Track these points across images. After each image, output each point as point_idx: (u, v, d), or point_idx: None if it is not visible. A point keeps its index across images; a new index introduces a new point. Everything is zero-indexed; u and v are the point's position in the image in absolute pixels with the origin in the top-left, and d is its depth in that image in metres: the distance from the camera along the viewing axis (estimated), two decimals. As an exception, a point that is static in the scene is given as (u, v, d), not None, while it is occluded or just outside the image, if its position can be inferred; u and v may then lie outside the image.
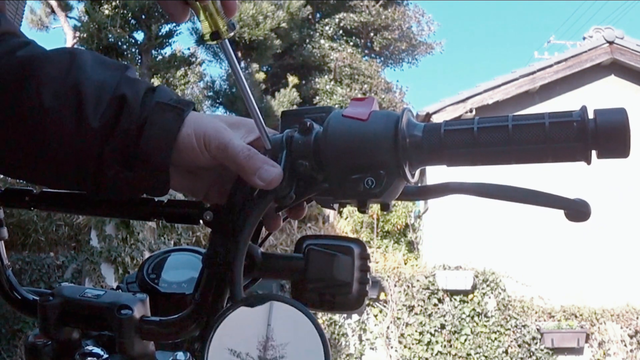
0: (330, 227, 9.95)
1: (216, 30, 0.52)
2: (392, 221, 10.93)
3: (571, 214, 0.51)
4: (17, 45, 0.56)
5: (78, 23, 11.28)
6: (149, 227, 6.50)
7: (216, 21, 0.52)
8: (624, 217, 8.43)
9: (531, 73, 9.08)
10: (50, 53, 0.56)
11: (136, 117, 0.53)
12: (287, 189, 0.54)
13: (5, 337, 5.91)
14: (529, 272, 8.14)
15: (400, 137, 0.51)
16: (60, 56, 0.55)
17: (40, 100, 0.52)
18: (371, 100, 0.55)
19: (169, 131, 0.53)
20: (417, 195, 0.61)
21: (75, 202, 0.62)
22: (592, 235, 7.98)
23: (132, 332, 0.56)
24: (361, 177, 0.52)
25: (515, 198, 0.53)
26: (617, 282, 8.08)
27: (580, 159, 0.49)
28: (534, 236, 8.27)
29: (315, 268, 0.57)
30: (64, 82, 0.53)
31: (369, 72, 14.82)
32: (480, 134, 0.50)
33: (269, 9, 11.35)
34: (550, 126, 0.48)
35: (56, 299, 0.58)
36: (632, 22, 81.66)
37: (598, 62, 9.18)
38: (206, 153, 0.54)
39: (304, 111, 0.58)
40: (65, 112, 0.52)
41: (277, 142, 0.55)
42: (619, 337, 7.86)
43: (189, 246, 0.86)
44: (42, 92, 0.53)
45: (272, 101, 11.38)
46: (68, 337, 0.61)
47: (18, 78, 0.53)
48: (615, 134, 0.46)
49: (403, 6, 16.99)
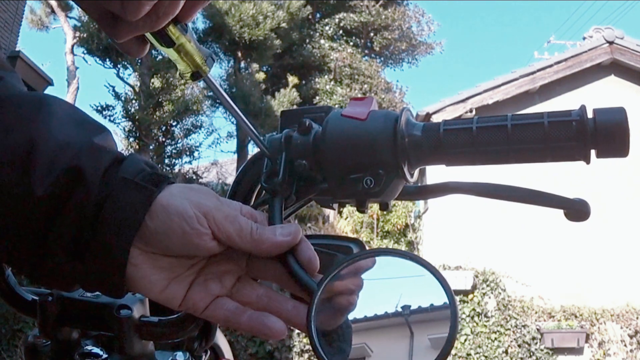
0: (330, 227, 9.95)
1: (196, 70, 0.51)
2: (392, 221, 10.93)
3: (571, 213, 0.51)
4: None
5: (78, 23, 11.28)
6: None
7: (194, 60, 0.50)
8: (624, 217, 8.43)
9: (531, 73, 9.08)
10: (18, 95, 0.47)
11: (94, 193, 0.43)
12: (288, 191, 0.54)
13: (5, 337, 5.91)
14: (529, 272, 8.14)
15: (399, 137, 0.51)
16: (27, 101, 0.46)
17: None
18: (370, 99, 0.55)
19: (132, 215, 0.43)
20: (416, 194, 0.61)
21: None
22: (592, 235, 7.98)
23: (132, 331, 0.56)
24: (360, 176, 0.52)
25: (515, 198, 0.53)
26: (617, 282, 8.08)
27: (580, 159, 0.48)
28: (534, 236, 8.27)
29: (314, 268, 0.57)
30: (19, 132, 0.43)
31: (369, 72, 14.81)
32: (479, 134, 0.50)
33: (269, 9, 11.34)
34: (549, 126, 0.48)
35: (55, 299, 0.58)
36: (632, 22, 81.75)
37: (598, 62, 9.18)
38: (205, 230, 0.44)
39: (303, 111, 0.58)
40: (10, 169, 0.42)
41: (275, 143, 0.55)
42: (619, 337, 7.86)
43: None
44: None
45: (272, 101, 11.37)
46: (67, 337, 0.61)
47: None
48: (615, 133, 0.46)
49: (403, 6, 16.98)
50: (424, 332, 0.45)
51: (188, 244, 0.44)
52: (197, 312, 0.47)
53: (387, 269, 0.46)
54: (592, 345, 7.87)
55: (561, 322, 7.81)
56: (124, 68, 10.21)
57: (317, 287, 0.45)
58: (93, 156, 0.44)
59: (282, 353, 6.99)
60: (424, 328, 0.45)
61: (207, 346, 0.69)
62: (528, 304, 8.00)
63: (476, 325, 7.78)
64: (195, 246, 0.44)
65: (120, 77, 10.30)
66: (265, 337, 0.47)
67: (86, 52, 10.58)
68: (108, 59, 10.03)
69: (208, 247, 0.45)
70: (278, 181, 0.53)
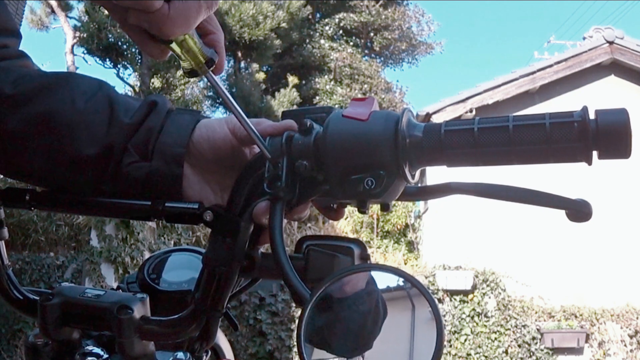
0: (331, 227, 9.94)
1: (196, 67, 0.51)
2: (392, 221, 10.94)
3: (572, 214, 0.51)
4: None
5: (78, 23, 11.27)
6: (149, 227, 6.50)
7: (195, 57, 0.50)
8: (624, 217, 8.43)
9: (531, 73, 9.07)
10: (83, 75, 0.64)
11: (161, 118, 0.60)
12: (290, 195, 0.54)
13: (5, 337, 5.91)
14: (529, 272, 8.13)
15: (400, 138, 0.51)
16: (90, 79, 0.63)
17: (74, 103, 0.59)
18: (371, 100, 0.55)
19: (185, 127, 0.60)
20: (417, 195, 0.61)
21: (75, 202, 0.62)
22: (592, 236, 7.98)
23: (132, 332, 0.56)
24: (361, 177, 0.52)
25: (516, 198, 0.53)
26: (617, 282, 8.08)
27: (581, 160, 0.48)
28: (534, 236, 8.27)
29: (315, 268, 0.57)
30: (95, 94, 0.61)
31: (369, 72, 14.81)
32: (480, 135, 0.50)
33: (269, 9, 11.34)
34: (551, 127, 0.48)
35: (56, 299, 0.58)
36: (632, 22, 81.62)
37: (598, 62, 9.17)
38: (230, 135, 0.59)
39: (304, 111, 0.58)
40: (97, 113, 0.59)
41: (276, 146, 0.55)
42: (619, 337, 7.86)
43: (189, 246, 0.86)
44: (75, 98, 0.59)
45: (272, 101, 11.37)
46: (68, 337, 0.60)
47: (52, 87, 0.60)
48: (617, 134, 0.46)
49: (403, 6, 16.97)
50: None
51: (223, 147, 0.60)
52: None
53: (378, 282, 0.51)
54: (592, 345, 7.87)
55: (561, 322, 7.81)
56: (124, 68, 10.22)
57: (309, 297, 0.46)
58: (160, 98, 0.62)
59: (282, 353, 6.99)
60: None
61: (208, 346, 0.69)
62: (528, 304, 8.00)
63: (476, 325, 7.78)
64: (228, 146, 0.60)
65: (121, 77, 10.31)
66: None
67: (86, 52, 10.59)
68: (108, 59, 10.04)
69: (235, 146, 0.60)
70: (281, 186, 0.53)
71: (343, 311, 0.53)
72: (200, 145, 0.60)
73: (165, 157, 0.59)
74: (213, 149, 0.60)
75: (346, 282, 0.48)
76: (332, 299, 0.50)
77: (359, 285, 0.51)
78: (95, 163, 0.59)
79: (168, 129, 0.60)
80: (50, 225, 6.95)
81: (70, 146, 0.59)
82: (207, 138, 0.60)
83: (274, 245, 0.52)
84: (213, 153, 0.60)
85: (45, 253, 6.71)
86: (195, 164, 0.60)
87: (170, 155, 0.59)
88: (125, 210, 0.62)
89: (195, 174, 0.61)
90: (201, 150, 0.60)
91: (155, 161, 0.59)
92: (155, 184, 0.59)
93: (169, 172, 0.59)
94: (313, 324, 0.47)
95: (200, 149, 0.60)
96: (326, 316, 0.50)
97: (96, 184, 0.60)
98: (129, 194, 0.60)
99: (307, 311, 0.46)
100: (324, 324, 0.52)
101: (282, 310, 7.07)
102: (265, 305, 7.03)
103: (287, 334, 7.00)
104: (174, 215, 0.60)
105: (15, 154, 0.60)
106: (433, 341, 0.44)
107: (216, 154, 0.60)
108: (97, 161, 0.59)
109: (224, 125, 0.60)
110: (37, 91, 0.60)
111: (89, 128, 0.59)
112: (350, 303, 0.52)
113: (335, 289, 0.48)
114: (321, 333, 0.52)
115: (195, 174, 0.61)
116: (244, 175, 0.57)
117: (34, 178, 0.63)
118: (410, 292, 0.49)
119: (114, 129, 0.59)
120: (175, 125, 0.60)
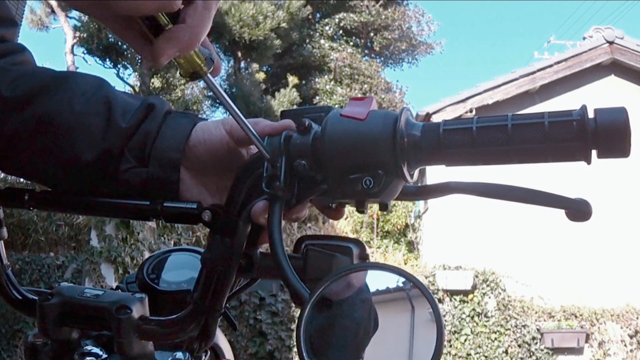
0: (330, 227, 9.94)
1: (196, 70, 0.50)
2: (392, 221, 10.94)
3: (572, 213, 0.50)
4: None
5: (78, 23, 11.26)
6: (149, 227, 6.50)
7: (193, 60, 0.50)
8: (624, 217, 8.42)
9: (531, 73, 9.07)
10: (83, 74, 0.64)
11: (158, 121, 0.60)
12: (289, 194, 0.53)
13: (5, 337, 5.92)
14: (529, 272, 8.13)
15: (398, 137, 0.50)
16: (90, 78, 0.63)
17: (71, 105, 0.59)
18: (370, 99, 0.54)
19: (182, 131, 0.60)
20: (416, 195, 0.61)
21: (75, 202, 0.62)
22: (592, 235, 7.97)
23: (131, 332, 0.56)
24: (359, 177, 0.51)
25: (516, 198, 0.53)
26: (617, 282, 8.08)
27: (580, 159, 0.48)
28: (534, 236, 8.27)
29: (313, 268, 0.57)
30: (94, 94, 0.61)
31: (369, 72, 14.81)
32: (479, 134, 0.50)
33: (269, 9, 11.34)
34: (550, 126, 0.48)
35: (55, 299, 0.58)
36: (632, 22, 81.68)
37: (598, 62, 9.17)
38: (227, 137, 0.60)
39: (302, 111, 0.58)
40: (95, 116, 0.59)
41: (275, 146, 0.55)
42: (619, 337, 7.86)
43: (189, 246, 0.86)
44: (74, 99, 0.59)
45: (272, 101, 11.37)
46: (67, 337, 0.60)
47: (50, 88, 0.60)
48: (616, 133, 0.46)
49: (403, 6, 16.97)
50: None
51: (220, 149, 0.60)
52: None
53: (377, 282, 0.50)
54: (592, 345, 7.87)
55: (561, 322, 7.81)
56: (124, 68, 10.23)
57: (309, 297, 0.45)
58: (158, 100, 0.62)
59: (282, 353, 6.99)
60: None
61: (207, 346, 0.69)
62: (528, 304, 8.00)
63: (476, 325, 7.78)
64: (224, 148, 0.60)
65: (121, 77, 10.31)
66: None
67: (86, 52, 10.60)
68: (108, 59, 10.04)
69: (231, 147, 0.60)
70: (280, 185, 0.53)
71: (337, 318, 0.52)
72: (197, 149, 0.60)
73: (162, 162, 0.59)
74: (210, 151, 0.60)
75: (345, 281, 0.48)
76: (330, 302, 0.50)
77: (358, 285, 0.51)
78: (94, 168, 0.59)
79: (165, 133, 0.60)
80: (50, 225, 6.95)
81: (68, 150, 0.59)
82: (204, 141, 0.60)
83: (272, 244, 0.52)
84: (210, 155, 0.60)
85: (45, 253, 6.71)
86: (192, 167, 0.61)
87: (167, 160, 0.59)
88: (124, 210, 0.62)
89: (193, 177, 0.61)
90: (198, 154, 0.60)
91: (152, 166, 0.59)
92: (153, 188, 0.59)
93: (166, 177, 0.59)
94: (313, 324, 0.47)
95: (196, 152, 0.60)
96: (324, 318, 0.50)
97: (95, 187, 0.61)
98: (127, 196, 0.61)
99: (306, 311, 0.46)
100: (322, 326, 0.52)
101: (282, 310, 7.07)
102: (265, 305, 7.03)
103: (287, 334, 7.00)
104: (173, 215, 0.60)
105: (15, 154, 0.60)
106: (433, 341, 0.44)
107: (213, 157, 0.60)
108: (95, 166, 0.59)
109: (221, 127, 0.60)
110: (35, 92, 0.60)
111: (86, 131, 0.59)
112: (345, 309, 0.52)
113: (334, 288, 0.48)
114: (321, 334, 0.52)
115: (192, 177, 0.61)
116: (243, 175, 0.57)
117: (34, 178, 0.63)
118: (410, 292, 0.48)
119: (111, 132, 0.59)
120: (172, 129, 0.60)
